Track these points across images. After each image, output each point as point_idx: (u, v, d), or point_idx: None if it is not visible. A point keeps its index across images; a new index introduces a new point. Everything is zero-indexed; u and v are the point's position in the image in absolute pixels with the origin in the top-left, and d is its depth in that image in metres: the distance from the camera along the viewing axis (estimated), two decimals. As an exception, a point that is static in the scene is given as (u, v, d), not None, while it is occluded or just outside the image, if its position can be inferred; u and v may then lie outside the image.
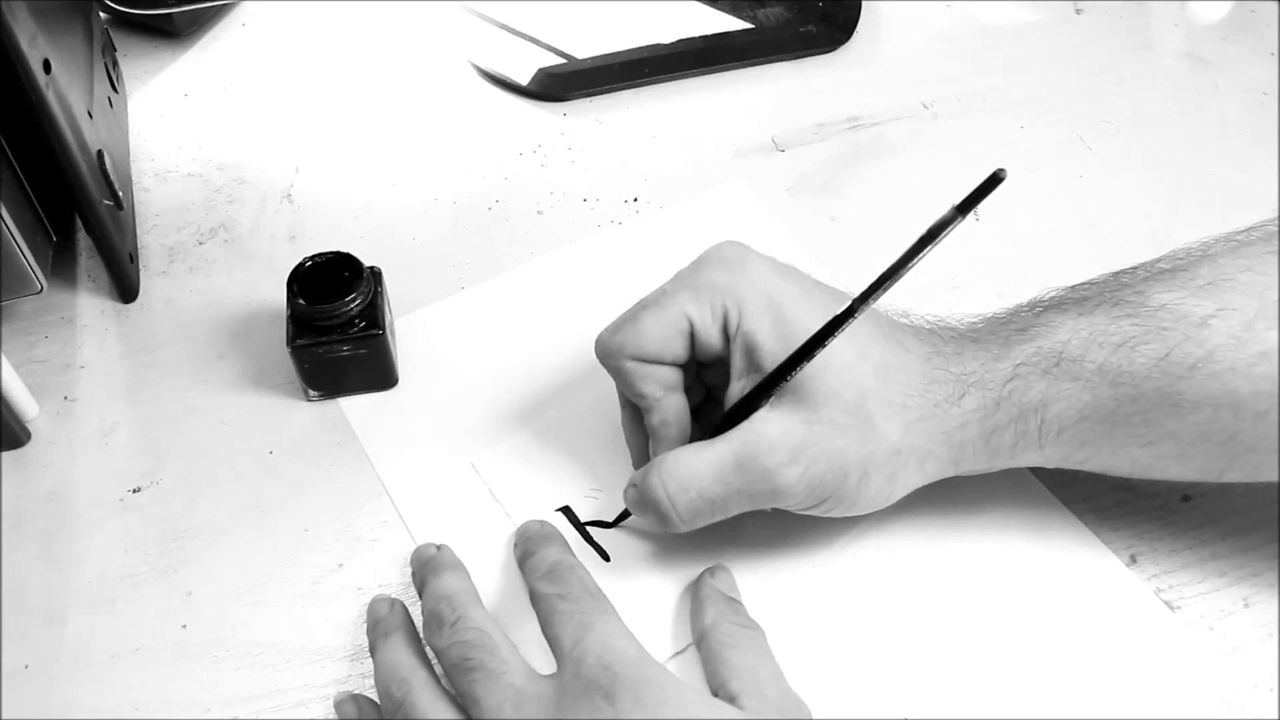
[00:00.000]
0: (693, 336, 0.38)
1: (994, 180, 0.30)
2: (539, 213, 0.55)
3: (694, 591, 0.39)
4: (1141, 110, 0.59)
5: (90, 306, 0.51)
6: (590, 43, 0.63)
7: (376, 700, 0.36)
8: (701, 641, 0.37)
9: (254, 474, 0.44)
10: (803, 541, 0.41)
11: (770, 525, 0.41)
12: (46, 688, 0.38)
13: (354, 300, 0.43)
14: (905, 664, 0.38)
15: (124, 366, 0.49)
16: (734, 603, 0.38)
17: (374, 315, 0.44)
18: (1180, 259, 0.37)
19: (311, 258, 0.45)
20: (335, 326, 0.44)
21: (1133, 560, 0.40)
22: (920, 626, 0.38)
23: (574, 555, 0.38)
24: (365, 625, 0.38)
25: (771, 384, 0.36)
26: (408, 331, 0.49)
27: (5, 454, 0.45)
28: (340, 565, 0.41)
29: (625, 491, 0.39)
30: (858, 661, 0.38)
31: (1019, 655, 0.38)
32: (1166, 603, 0.39)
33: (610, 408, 0.44)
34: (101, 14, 0.62)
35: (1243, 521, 0.41)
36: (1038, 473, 0.42)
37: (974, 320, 0.39)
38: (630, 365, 0.38)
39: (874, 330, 0.37)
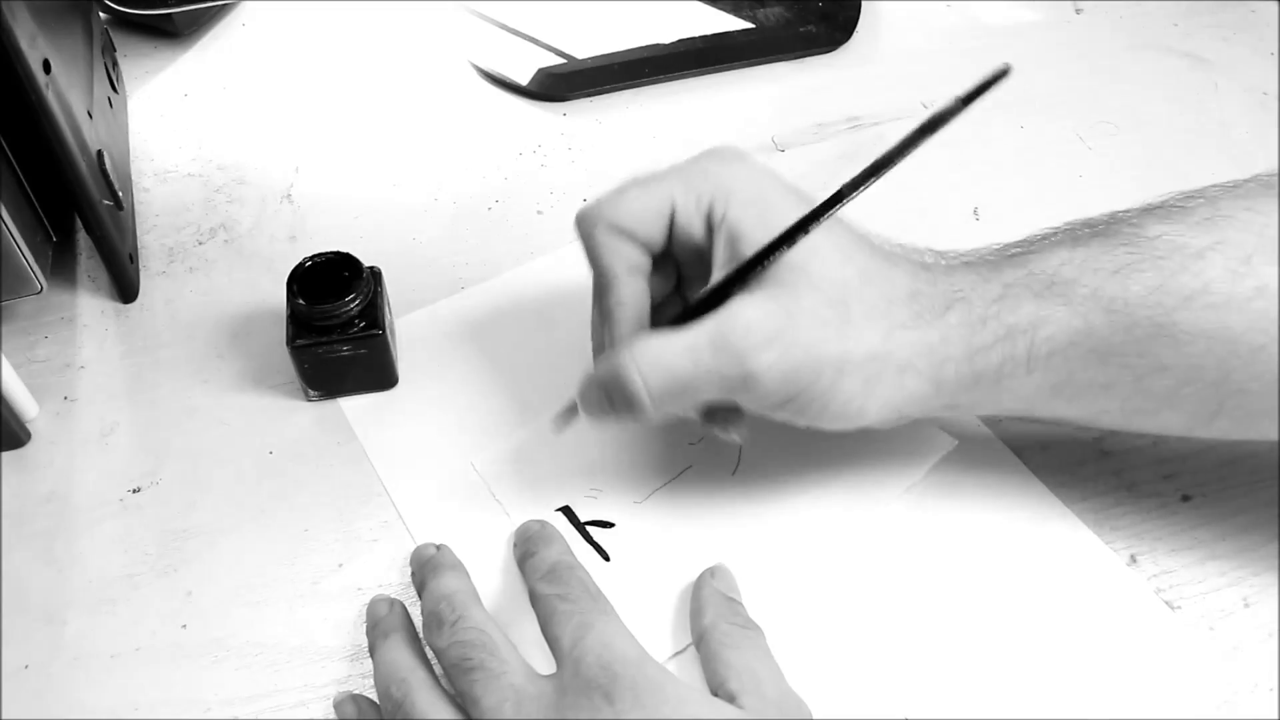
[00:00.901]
0: (673, 223, 0.37)
1: (1000, 75, 0.29)
2: (539, 213, 0.55)
3: (694, 591, 0.39)
4: (1141, 110, 0.59)
5: (90, 306, 0.51)
6: (590, 43, 0.63)
7: (376, 700, 0.36)
8: (701, 641, 0.37)
9: (254, 474, 0.44)
10: (803, 542, 0.41)
11: (770, 525, 0.41)
12: (46, 688, 0.38)
13: (354, 300, 0.43)
14: (905, 664, 0.38)
15: (124, 366, 0.49)
16: (734, 603, 0.38)
17: (374, 315, 0.44)
18: (1178, 200, 0.37)
19: (311, 258, 0.45)
20: (335, 326, 0.44)
21: (1133, 560, 0.40)
22: (920, 626, 0.38)
23: (574, 555, 0.38)
24: (365, 625, 0.38)
25: (750, 268, 0.35)
26: (408, 331, 0.49)
27: (5, 454, 0.45)
28: (340, 565, 0.41)
29: (581, 385, 0.37)
30: (858, 661, 0.38)
31: (1019, 655, 0.38)
32: (1166, 603, 0.39)
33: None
34: (101, 14, 0.62)
35: (1243, 521, 0.41)
36: (1038, 472, 0.42)
37: (968, 250, 0.39)
38: (603, 236, 0.38)
39: (861, 241, 0.37)
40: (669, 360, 0.35)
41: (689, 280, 0.41)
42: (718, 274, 0.37)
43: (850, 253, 0.36)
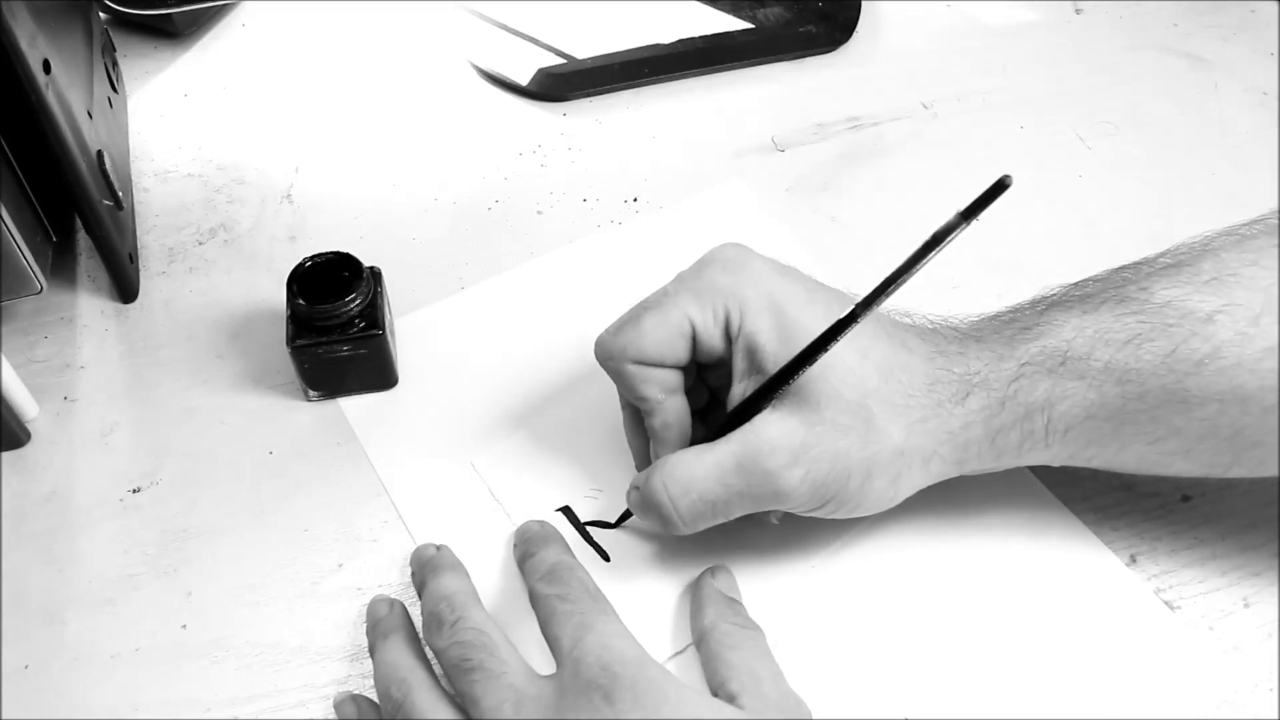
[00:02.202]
0: (694, 339, 0.38)
1: (1000, 187, 0.29)
2: (539, 213, 0.55)
3: (694, 592, 0.39)
4: (1141, 110, 0.59)
5: (90, 306, 0.51)
6: (590, 43, 0.63)
7: (376, 700, 0.36)
8: (701, 641, 0.37)
9: (254, 474, 0.44)
10: (803, 542, 0.41)
11: (770, 526, 0.41)
12: (46, 688, 0.38)
13: (354, 300, 0.43)
14: (905, 664, 0.38)
15: (124, 366, 0.49)
16: (734, 603, 0.38)
17: (374, 315, 0.44)
18: (1183, 254, 0.37)
19: (311, 258, 0.45)
20: (335, 326, 0.44)
21: (1133, 560, 0.40)
22: (920, 626, 0.38)
23: (574, 556, 0.38)
24: (365, 625, 0.38)
25: (774, 387, 0.36)
26: (408, 331, 0.49)
27: (5, 454, 0.45)
28: (340, 565, 0.41)
29: (628, 493, 0.39)
30: (858, 661, 0.38)
31: (1019, 655, 0.38)
32: (1166, 603, 0.39)
33: (610, 408, 0.44)
34: (101, 14, 0.62)
35: (1243, 521, 0.41)
36: (1038, 472, 0.42)
37: (976, 319, 0.39)
38: (632, 368, 0.38)
39: (876, 330, 0.37)
40: (699, 484, 0.36)
41: (717, 388, 0.41)
42: (738, 385, 0.37)
43: (867, 348, 0.36)
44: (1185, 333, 0.35)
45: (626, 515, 0.41)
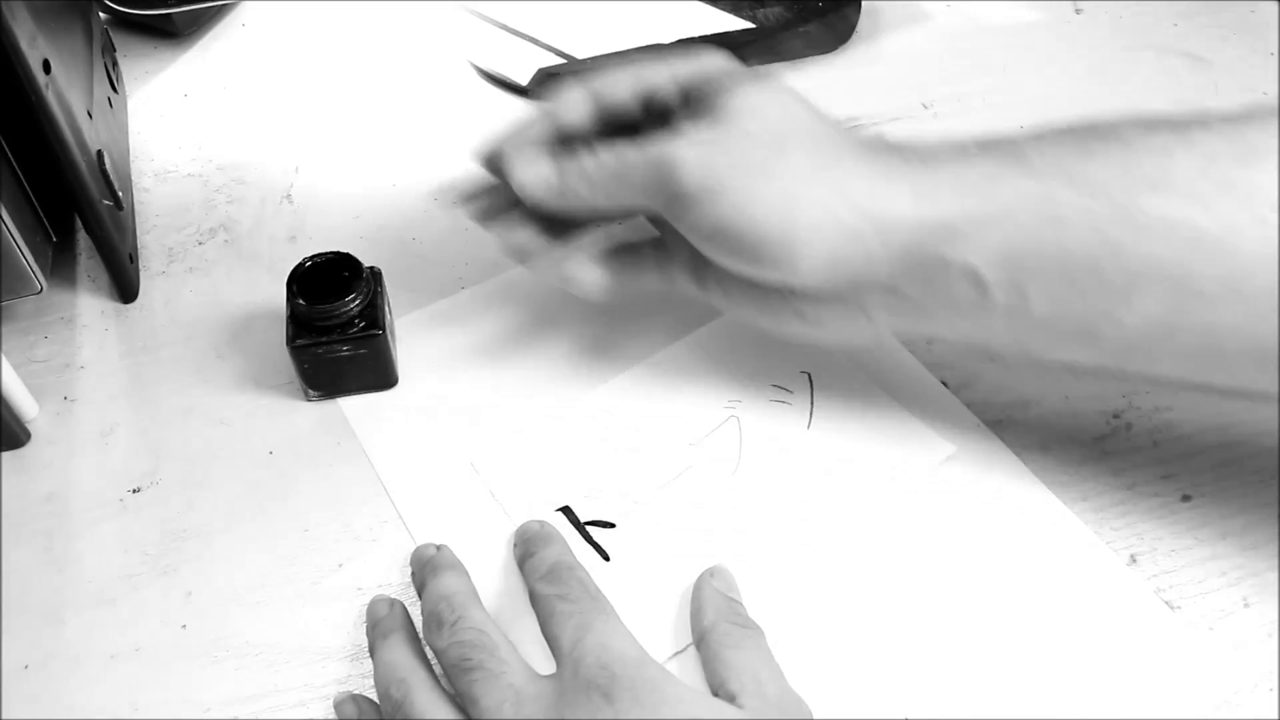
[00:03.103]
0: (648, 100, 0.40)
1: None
2: (539, 213, 0.55)
3: (694, 591, 0.39)
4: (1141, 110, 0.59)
5: (90, 306, 0.51)
6: (590, 43, 0.63)
7: (376, 700, 0.36)
8: (701, 641, 0.37)
9: (254, 474, 0.44)
10: (803, 542, 0.41)
11: (770, 525, 0.41)
12: (46, 688, 0.38)
13: (354, 300, 0.43)
14: (905, 664, 0.38)
15: (124, 366, 0.49)
16: (734, 603, 0.38)
17: (374, 315, 0.44)
18: (1147, 114, 0.36)
19: (311, 258, 0.45)
20: (335, 326, 0.44)
21: (1133, 560, 0.40)
22: (920, 626, 0.38)
23: (574, 556, 0.38)
24: (365, 625, 0.38)
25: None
26: (408, 331, 0.49)
27: (5, 454, 0.45)
28: (340, 565, 0.41)
29: (530, 170, 0.40)
30: (858, 661, 0.38)
31: (1019, 655, 0.38)
32: (1166, 603, 0.39)
33: (611, 409, 0.44)
34: (101, 14, 0.62)
35: (1243, 521, 0.41)
36: (1038, 472, 0.42)
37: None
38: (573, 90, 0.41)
39: (816, 113, 0.39)
40: (619, 145, 0.38)
41: None
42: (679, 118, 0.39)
43: (803, 114, 0.38)
44: (1141, 154, 0.34)
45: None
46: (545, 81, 0.61)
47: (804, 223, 0.36)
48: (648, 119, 0.41)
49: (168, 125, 0.61)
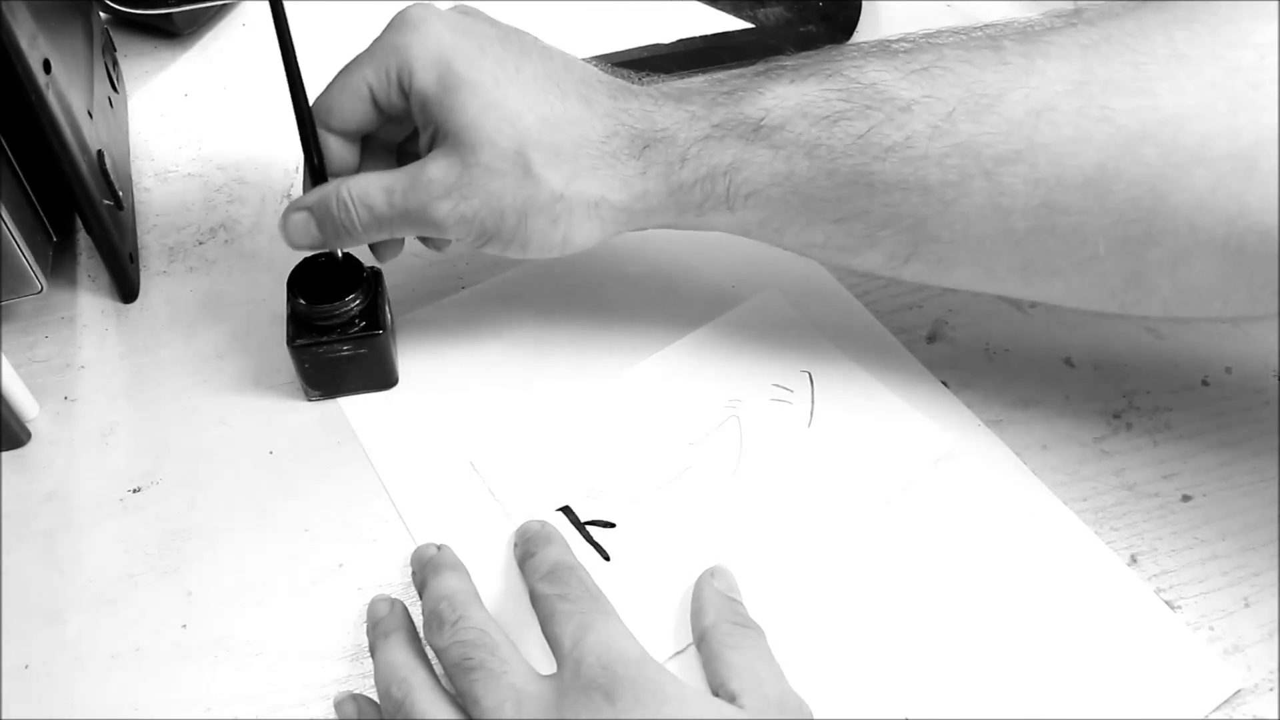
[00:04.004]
0: (375, 101, 0.40)
1: None
2: (539, 213, 0.55)
3: (694, 592, 0.39)
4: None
5: (90, 306, 0.51)
6: (590, 43, 0.63)
7: (376, 700, 0.36)
8: (701, 641, 0.37)
9: (254, 474, 0.44)
10: (803, 541, 0.41)
11: (770, 525, 0.41)
12: (46, 688, 0.38)
13: (354, 300, 0.43)
14: (905, 664, 0.38)
15: (124, 366, 0.49)
16: (734, 603, 0.38)
17: (374, 315, 0.44)
18: (910, 43, 0.38)
19: (311, 258, 0.45)
20: (335, 326, 0.44)
21: (1133, 560, 0.40)
22: (920, 626, 0.38)
23: (574, 556, 0.38)
24: (365, 625, 0.38)
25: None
26: (408, 331, 0.49)
27: (5, 454, 0.45)
28: (340, 565, 0.41)
29: (287, 217, 0.41)
30: (858, 661, 0.38)
31: (1019, 655, 0.38)
32: (1167, 603, 0.39)
33: (611, 409, 0.44)
34: (101, 14, 0.62)
35: (1243, 521, 0.41)
36: (1038, 472, 0.42)
37: (688, 83, 0.40)
38: (324, 133, 0.41)
39: (553, 84, 0.39)
40: (372, 198, 0.40)
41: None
42: (423, 136, 0.40)
43: (535, 100, 0.38)
44: (881, 118, 0.36)
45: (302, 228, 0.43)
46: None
47: (577, 235, 0.40)
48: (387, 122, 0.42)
49: (168, 125, 0.61)
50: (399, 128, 0.43)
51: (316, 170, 0.41)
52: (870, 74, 0.37)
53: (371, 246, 0.44)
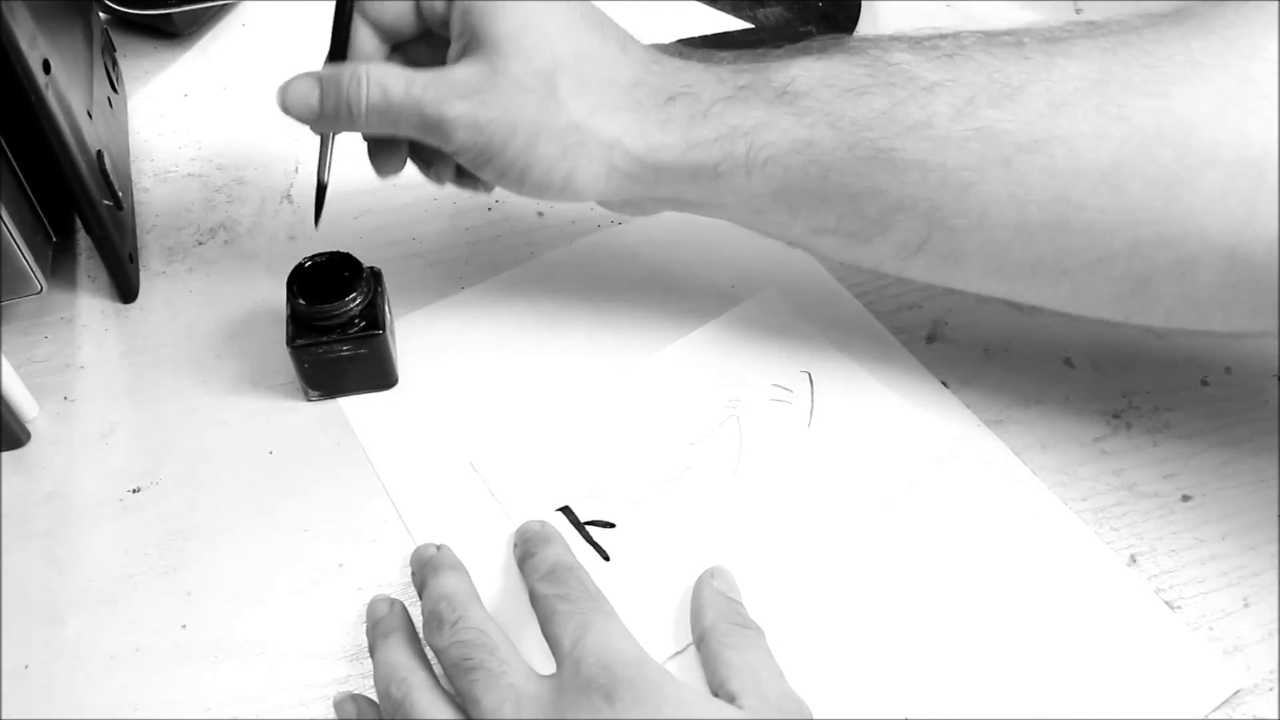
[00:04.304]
0: (419, 8, 0.40)
1: None
2: (539, 213, 0.55)
3: (694, 592, 0.39)
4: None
5: (90, 307, 0.51)
6: (590, 43, 0.63)
7: (376, 700, 0.36)
8: (701, 641, 0.37)
9: (254, 474, 0.44)
10: (803, 541, 0.41)
11: (770, 525, 0.41)
12: (46, 688, 0.38)
13: (354, 300, 0.43)
14: (905, 664, 0.38)
15: (124, 366, 0.49)
16: (734, 603, 0.38)
17: (374, 315, 0.44)
18: (932, 33, 0.38)
19: (311, 258, 0.45)
20: (335, 326, 0.44)
21: (1133, 560, 0.40)
22: (920, 626, 0.38)
23: (574, 556, 0.38)
24: (365, 625, 0.38)
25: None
26: (408, 331, 0.49)
27: (5, 454, 0.45)
28: (340, 565, 0.41)
29: (292, 81, 0.40)
30: (858, 661, 0.38)
31: (1019, 655, 0.38)
32: (1167, 603, 0.39)
33: (611, 409, 0.44)
34: (101, 14, 0.62)
35: (1243, 521, 0.41)
36: (1037, 472, 0.42)
37: (725, 55, 0.40)
38: (361, 26, 0.40)
39: (593, 23, 0.39)
40: (389, 81, 0.38)
41: None
42: (454, 45, 0.39)
43: (575, 31, 0.38)
44: (905, 95, 0.36)
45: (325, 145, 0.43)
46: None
47: (581, 176, 0.38)
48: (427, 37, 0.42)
49: (168, 125, 0.61)
50: (420, 51, 0.42)
51: (337, 48, 0.40)
52: (895, 55, 0.37)
53: (371, 152, 0.43)
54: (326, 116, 0.40)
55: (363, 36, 0.40)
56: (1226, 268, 0.34)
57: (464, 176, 0.44)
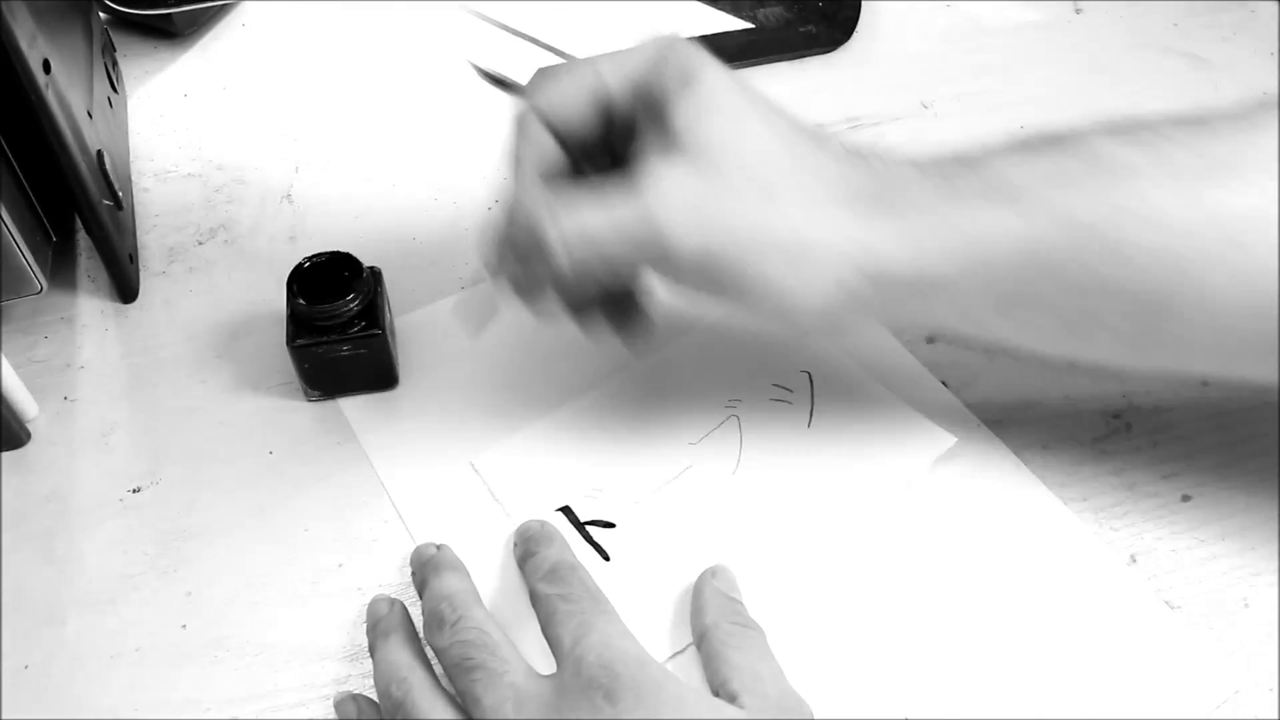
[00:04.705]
0: (604, 106, 0.37)
1: None
2: (539, 213, 0.55)
3: (694, 591, 0.39)
4: (1141, 110, 0.59)
5: (90, 307, 0.51)
6: (590, 43, 0.63)
7: (376, 700, 0.36)
8: (702, 641, 0.37)
9: (254, 474, 0.44)
10: (803, 541, 0.41)
11: (770, 525, 0.41)
12: (46, 688, 0.38)
13: (354, 300, 0.43)
14: (905, 664, 0.38)
15: (124, 366, 0.49)
16: (734, 602, 0.38)
17: (374, 315, 0.44)
18: (1128, 124, 0.36)
19: (311, 258, 0.45)
20: (335, 326, 0.44)
21: (1133, 560, 0.40)
22: (920, 626, 0.38)
23: (574, 555, 0.38)
24: (365, 625, 0.38)
25: (663, 135, 0.35)
26: (408, 331, 0.49)
27: (5, 454, 0.45)
28: (340, 565, 0.41)
29: (486, 248, 0.37)
30: (858, 661, 0.38)
31: (1019, 655, 0.38)
32: (1166, 603, 0.39)
33: (610, 409, 0.44)
34: (101, 14, 0.62)
35: (1243, 521, 0.41)
36: (1037, 472, 0.42)
37: (913, 154, 0.37)
38: (528, 124, 0.37)
39: (789, 120, 0.36)
40: (586, 215, 0.34)
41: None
42: (641, 139, 0.36)
43: (786, 134, 0.35)
44: (1129, 187, 0.34)
45: (485, 307, 0.40)
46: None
47: (805, 288, 0.35)
48: (611, 132, 0.38)
49: (168, 125, 0.61)
50: (593, 145, 0.38)
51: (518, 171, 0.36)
52: (1104, 146, 0.35)
53: (617, 328, 0.39)
54: (522, 287, 0.37)
55: (536, 135, 0.37)
56: None
57: (623, 327, 0.41)
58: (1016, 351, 0.38)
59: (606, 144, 0.38)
